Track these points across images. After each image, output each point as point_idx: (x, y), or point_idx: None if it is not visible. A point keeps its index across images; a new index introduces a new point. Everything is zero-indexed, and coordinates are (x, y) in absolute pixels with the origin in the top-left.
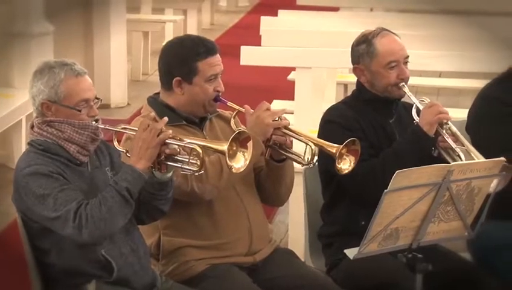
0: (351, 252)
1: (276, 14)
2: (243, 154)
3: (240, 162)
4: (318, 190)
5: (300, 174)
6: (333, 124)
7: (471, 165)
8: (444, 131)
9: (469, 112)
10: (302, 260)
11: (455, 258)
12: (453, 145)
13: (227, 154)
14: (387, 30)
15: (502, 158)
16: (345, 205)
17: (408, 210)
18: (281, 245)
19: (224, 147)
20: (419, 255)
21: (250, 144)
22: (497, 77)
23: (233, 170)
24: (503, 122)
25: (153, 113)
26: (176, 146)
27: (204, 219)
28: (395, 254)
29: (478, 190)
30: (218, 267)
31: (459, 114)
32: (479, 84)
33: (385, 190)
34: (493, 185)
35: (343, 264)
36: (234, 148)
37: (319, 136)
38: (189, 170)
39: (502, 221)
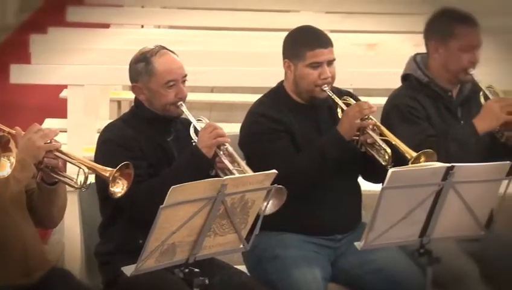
0: (128, 269)
1: (46, 32)
2: (8, 159)
3: (6, 168)
4: (94, 207)
5: (75, 193)
6: (111, 142)
7: (244, 179)
8: (222, 152)
9: (241, 127)
10: (79, 278)
11: (231, 271)
12: (230, 166)
13: None
14: (166, 49)
15: (274, 171)
16: (122, 222)
17: (184, 225)
18: (57, 265)
19: None
20: (196, 270)
21: (12, 145)
22: (265, 94)
23: None
24: (271, 140)
25: None
26: None
27: None
28: (172, 269)
29: (252, 203)
30: None
31: (232, 128)
32: (250, 98)
33: (161, 206)
34: (268, 207)
35: (120, 281)
36: None
37: (96, 155)
38: None
39: (274, 232)
